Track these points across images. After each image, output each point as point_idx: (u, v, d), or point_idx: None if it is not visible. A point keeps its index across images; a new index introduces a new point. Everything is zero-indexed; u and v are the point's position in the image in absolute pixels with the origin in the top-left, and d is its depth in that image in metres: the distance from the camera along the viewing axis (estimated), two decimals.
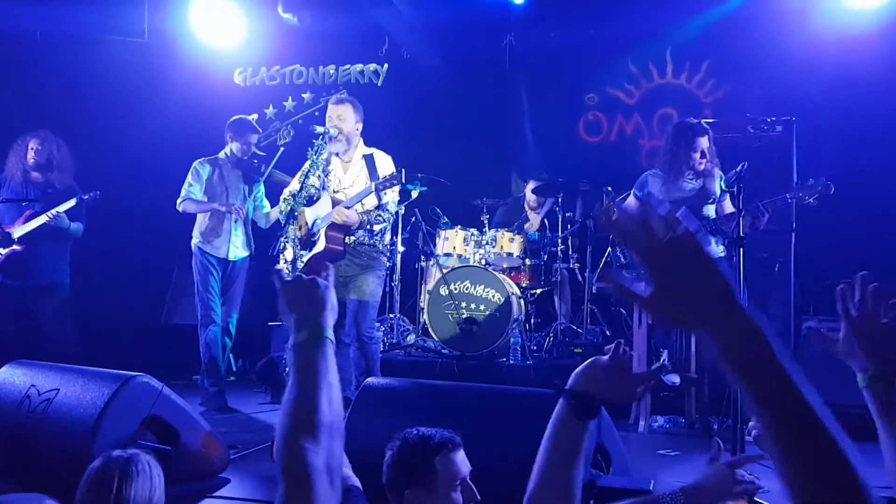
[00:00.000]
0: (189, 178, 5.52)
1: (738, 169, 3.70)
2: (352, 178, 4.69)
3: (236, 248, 5.52)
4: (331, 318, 1.41)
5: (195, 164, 5.57)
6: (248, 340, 6.74)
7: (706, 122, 4.83)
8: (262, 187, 5.71)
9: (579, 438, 1.48)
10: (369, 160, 4.65)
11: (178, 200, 5.48)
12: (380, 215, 4.62)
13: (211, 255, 5.47)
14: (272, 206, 5.63)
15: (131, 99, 7.14)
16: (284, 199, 4.68)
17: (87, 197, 5.58)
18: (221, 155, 5.58)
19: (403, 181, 4.33)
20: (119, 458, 2.08)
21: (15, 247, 5.47)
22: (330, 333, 1.38)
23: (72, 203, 5.52)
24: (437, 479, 1.97)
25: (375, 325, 4.92)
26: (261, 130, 5.83)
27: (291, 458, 1.21)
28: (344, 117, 4.62)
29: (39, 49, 7.14)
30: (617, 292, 0.95)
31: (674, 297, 0.89)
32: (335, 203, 4.50)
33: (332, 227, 4.49)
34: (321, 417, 1.25)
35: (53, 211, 5.44)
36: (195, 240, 5.51)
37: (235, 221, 5.44)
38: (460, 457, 2.06)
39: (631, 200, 5.10)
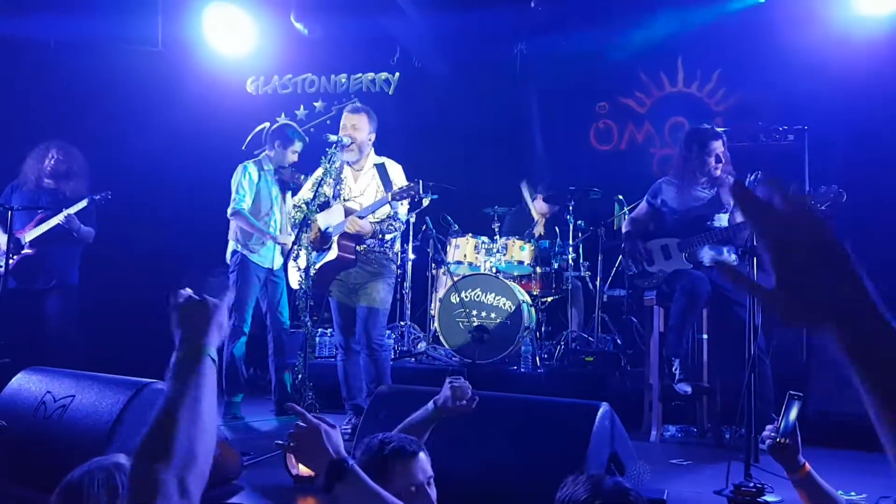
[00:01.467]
0: (243, 182, 5.35)
1: (751, 178, 3.70)
2: (363, 186, 4.70)
3: (279, 256, 5.52)
4: (217, 336, 1.42)
5: (246, 168, 5.40)
6: (258, 349, 6.76)
7: (719, 129, 4.83)
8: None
9: None
10: (381, 169, 4.67)
11: (230, 208, 5.32)
12: (391, 224, 4.63)
13: (258, 266, 5.39)
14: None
15: (144, 107, 7.20)
16: (297, 206, 4.69)
17: (98, 197, 5.59)
18: (263, 159, 5.51)
19: (420, 192, 4.32)
20: (101, 467, 1.99)
21: (26, 251, 5.51)
22: (212, 352, 1.38)
23: (83, 203, 5.53)
24: (392, 484, 1.99)
25: (386, 332, 4.92)
26: (307, 140, 5.76)
27: (140, 477, 1.19)
28: (359, 126, 4.64)
29: (54, 56, 7.21)
30: (735, 282, 0.89)
31: (801, 291, 0.82)
32: (348, 212, 4.51)
33: (345, 235, 4.51)
34: (177, 445, 1.20)
35: (65, 213, 5.45)
36: (237, 246, 5.37)
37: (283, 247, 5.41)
38: (418, 463, 2.10)
39: (643, 207, 5.10)
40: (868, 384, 0.78)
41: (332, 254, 4.52)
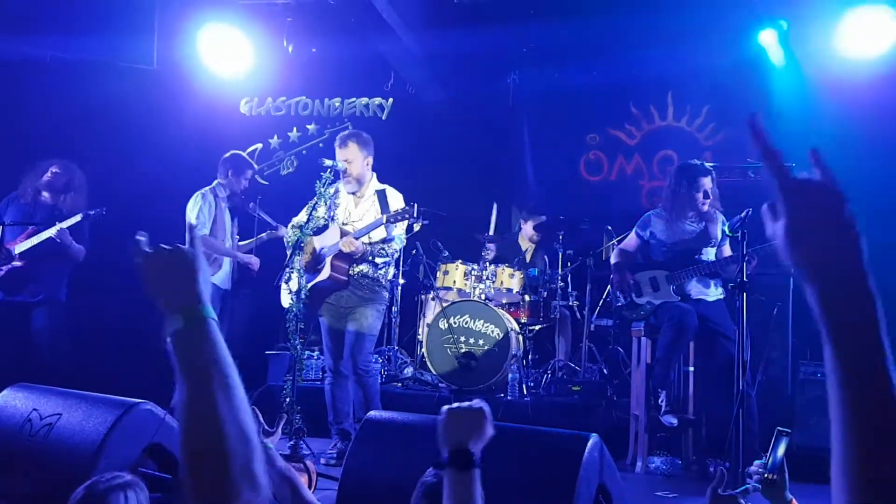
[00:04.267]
0: (203, 210, 5.53)
1: (743, 214, 3.75)
2: (362, 211, 4.72)
3: (228, 277, 5.72)
4: (206, 290, 1.21)
5: (204, 198, 5.59)
6: (244, 369, 6.71)
7: (708, 165, 4.90)
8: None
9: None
10: (381, 196, 4.69)
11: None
12: (383, 248, 4.64)
13: (217, 287, 5.57)
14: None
15: (138, 125, 7.19)
16: (292, 226, 4.71)
17: (92, 213, 5.57)
18: (217, 187, 5.70)
19: (415, 215, 4.35)
20: (103, 487, 1.98)
21: (15, 262, 5.46)
22: (210, 311, 1.19)
23: (77, 218, 5.50)
24: None
25: (372, 357, 4.92)
26: (256, 166, 6.03)
27: (201, 485, 1.06)
28: (350, 159, 4.63)
29: (49, 73, 7.21)
30: (766, 157, 0.96)
31: (804, 234, 0.89)
32: (343, 234, 4.53)
33: (338, 256, 4.52)
34: (231, 441, 1.07)
35: (57, 226, 5.42)
36: None
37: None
38: None
39: (632, 238, 5.15)
40: (835, 344, 0.82)
41: (325, 273, 4.53)
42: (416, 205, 4.36)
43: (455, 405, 1.77)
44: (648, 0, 6.58)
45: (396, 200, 4.72)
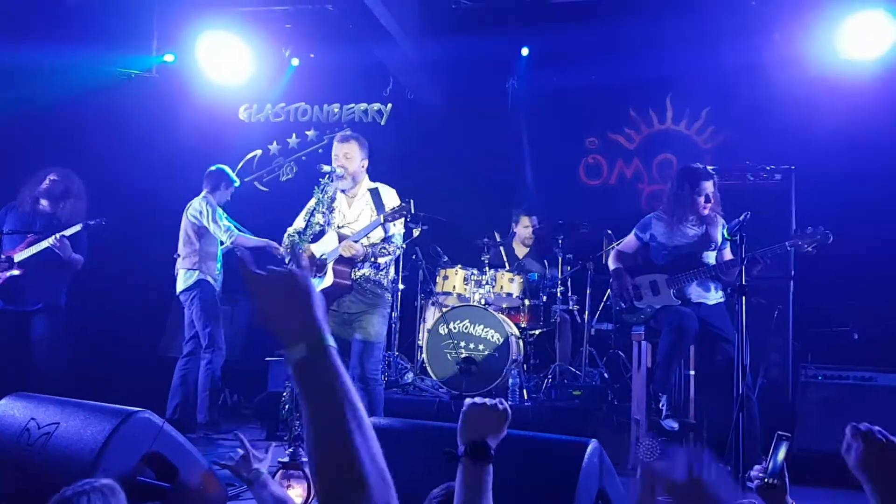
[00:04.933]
0: (221, 213, 5.77)
1: (741, 218, 3.74)
2: (357, 212, 4.69)
3: (220, 283, 5.88)
4: (323, 315, 1.14)
5: (208, 202, 5.80)
6: (244, 375, 6.72)
7: (710, 168, 4.88)
8: None
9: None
10: (374, 194, 4.67)
11: (231, 235, 5.70)
12: (384, 248, 4.61)
13: (215, 289, 5.74)
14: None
15: (137, 132, 7.21)
16: (289, 235, 4.70)
17: (92, 223, 5.56)
18: (206, 198, 5.85)
19: (412, 211, 4.35)
20: (94, 488, 2.01)
21: (14, 271, 5.44)
22: (330, 339, 1.12)
23: (77, 228, 5.50)
24: None
25: (380, 365, 4.89)
26: (238, 181, 6.30)
27: None
28: (350, 155, 4.63)
29: (48, 80, 7.21)
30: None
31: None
32: (342, 238, 4.51)
33: (340, 261, 4.49)
34: (366, 470, 1.01)
35: (57, 235, 5.41)
36: (203, 275, 5.70)
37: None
38: None
39: (631, 240, 5.13)
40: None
41: (328, 280, 4.50)
42: (411, 201, 4.36)
43: (479, 400, 1.79)
44: (646, 3, 6.59)
45: (390, 197, 4.70)
